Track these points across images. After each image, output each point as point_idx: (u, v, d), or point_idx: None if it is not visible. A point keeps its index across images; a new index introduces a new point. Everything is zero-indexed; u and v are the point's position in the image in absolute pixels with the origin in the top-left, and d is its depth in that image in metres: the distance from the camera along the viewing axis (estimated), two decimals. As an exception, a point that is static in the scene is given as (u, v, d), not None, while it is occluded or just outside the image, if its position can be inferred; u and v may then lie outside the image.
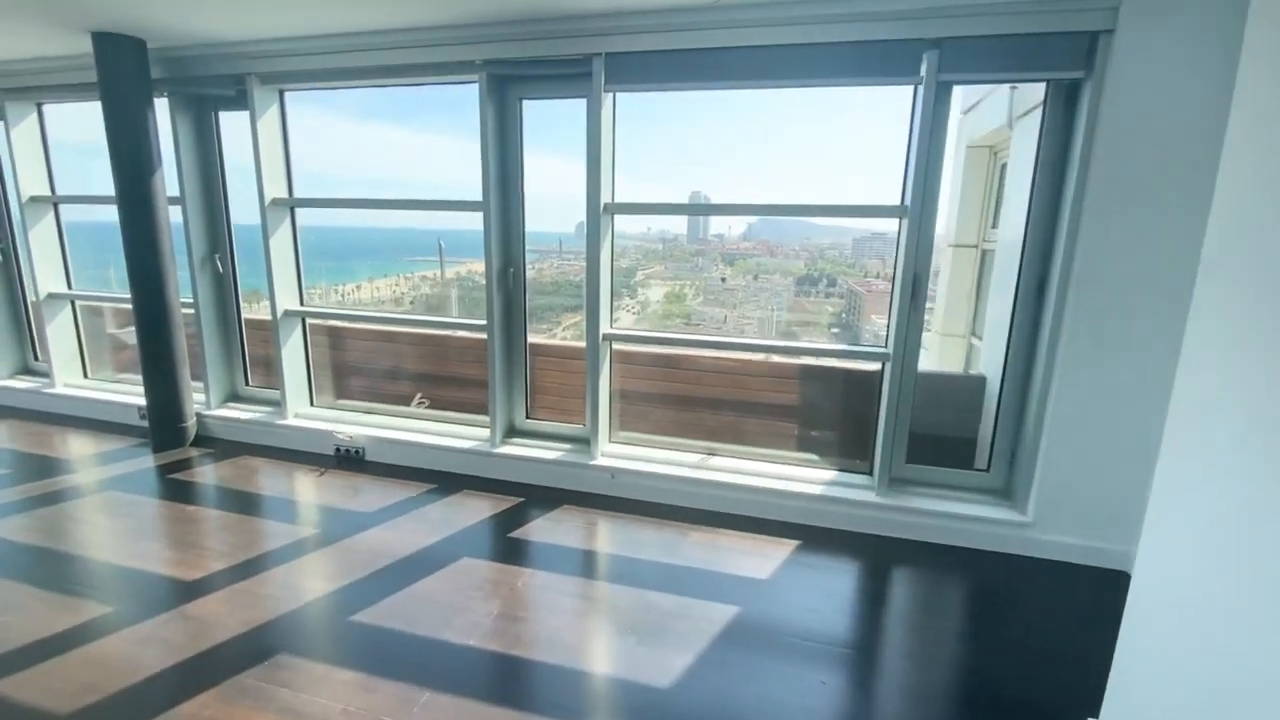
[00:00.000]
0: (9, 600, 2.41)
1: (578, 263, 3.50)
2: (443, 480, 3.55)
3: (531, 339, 3.75)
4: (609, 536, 3.04)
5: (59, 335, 4.60)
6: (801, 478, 3.27)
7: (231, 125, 3.99)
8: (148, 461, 3.76)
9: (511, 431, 3.76)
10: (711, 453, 3.54)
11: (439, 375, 4.45)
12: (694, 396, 3.92)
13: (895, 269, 3.00)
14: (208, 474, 3.61)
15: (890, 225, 3.07)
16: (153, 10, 3.05)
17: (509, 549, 2.89)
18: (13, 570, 2.61)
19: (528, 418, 3.77)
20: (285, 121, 3.85)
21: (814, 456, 3.49)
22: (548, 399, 4.01)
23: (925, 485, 3.16)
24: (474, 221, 3.47)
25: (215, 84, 3.70)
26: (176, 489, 3.42)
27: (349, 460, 3.80)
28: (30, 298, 4.73)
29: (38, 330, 4.78)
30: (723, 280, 5.64)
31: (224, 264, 4.13)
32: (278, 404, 4.07)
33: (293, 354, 4.03)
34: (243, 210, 4.07)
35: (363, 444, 3.80)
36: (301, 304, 4.07)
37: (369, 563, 2.71)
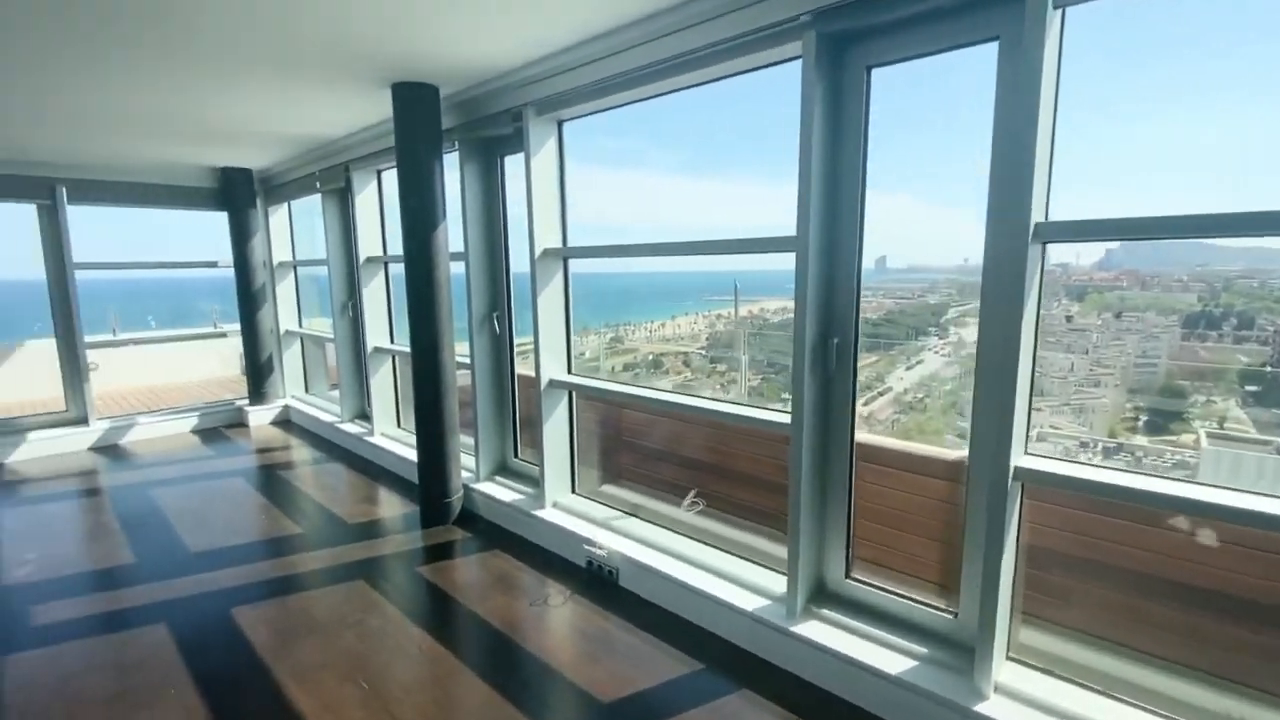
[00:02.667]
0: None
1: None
2: (715, 656, 2.39)
3: (860, 436, 2.36)
4: None
5: (380, 386, 4.86)
6: None
7: (513, 171, 3.58)
8: (412, 540, 3.44)
9: (821, 595, 2.41)
10: None
11: (723, 468, 3.36)
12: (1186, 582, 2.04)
13: None
14: (455, 574, 3.10)
15: None
16: (438, 41, 2.64)
17: None
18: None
19: (849, 575, 2.37)
20: (562, 158, 3.25)
21: None
22: (879, 536, 2.57)
23: None
24: (773, 262, 2.30)
25: (495, 123, 3.28)
26: (417, 592, 2.94)
27: (600, 583, 2.92)
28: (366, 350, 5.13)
29: (367, 380, 5.16)
30: (1068, 319, 4.45)
31: (500, 324, 3.73)
32: (539, 484, 3.46)
33: (556, 430, 3.37)
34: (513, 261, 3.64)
35: (617, 563, 2.88)
36: (569, 371, 3.41)
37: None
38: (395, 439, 4.76)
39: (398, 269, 4.78)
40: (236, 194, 5.79)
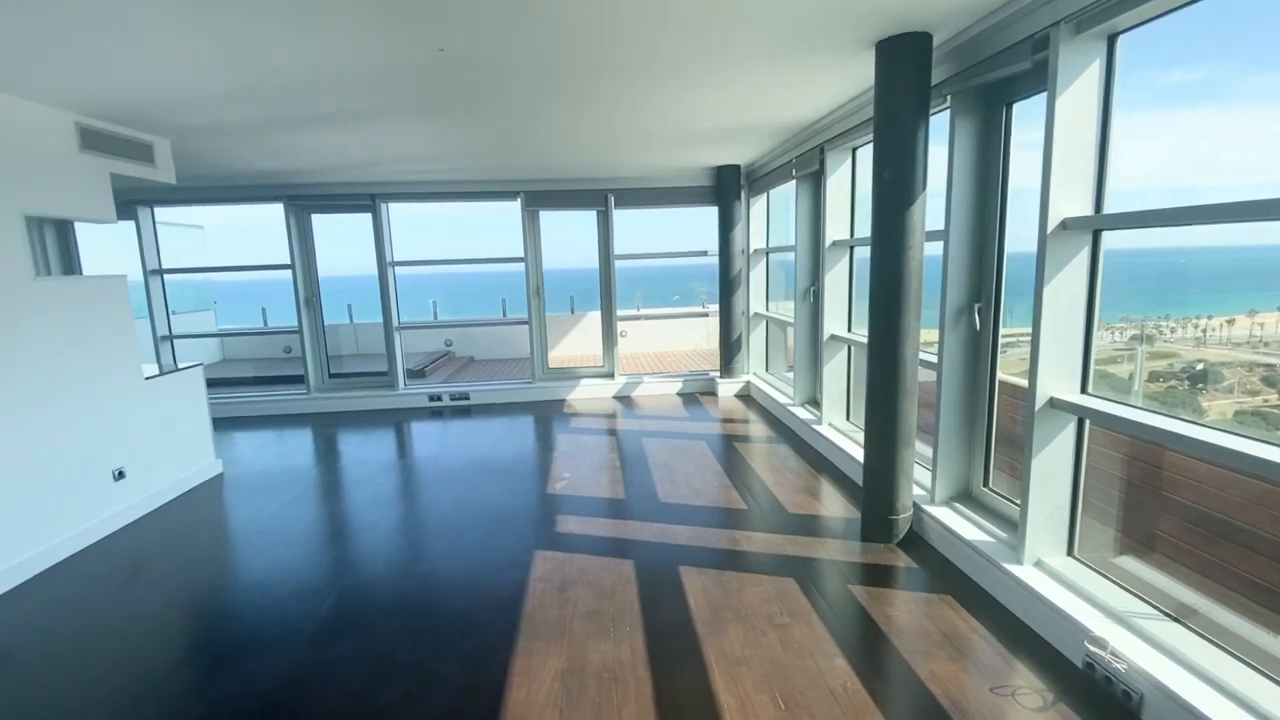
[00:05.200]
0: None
1: None
2: None
3: None
4: None
5: (832, 376, 4.68)
6: None
7: (1023, 121, 2.76)
8: (849, 550, 3.14)
9: None
10: None
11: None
12: None
13: None
14: (893, 607, 2.65)
15: None
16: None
17: None
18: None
19: None
20: (1108, 89, 2.30)
21: None
22: None
23: None
24: None
25: (1006, 60, 2.54)
26: (848, 614, 2.61)
27: (1105, 701, 2.01)
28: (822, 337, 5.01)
29: (820, 367, 5.03)
30: None
31: (982, 317, 3.00)
32: (1015, 529, 2.67)
33: (1052, 466, 2.51)
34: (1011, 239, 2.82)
35: (1142, 687, 1.92)
36: (1084, 390, 2.47)
37: None
38: (843, 433, 4.52)
39: (864, 253, 4.46)
40: (725, 189, 6.47)
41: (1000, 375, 3.06)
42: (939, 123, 3.00)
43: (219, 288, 11.44)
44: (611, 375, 7.03)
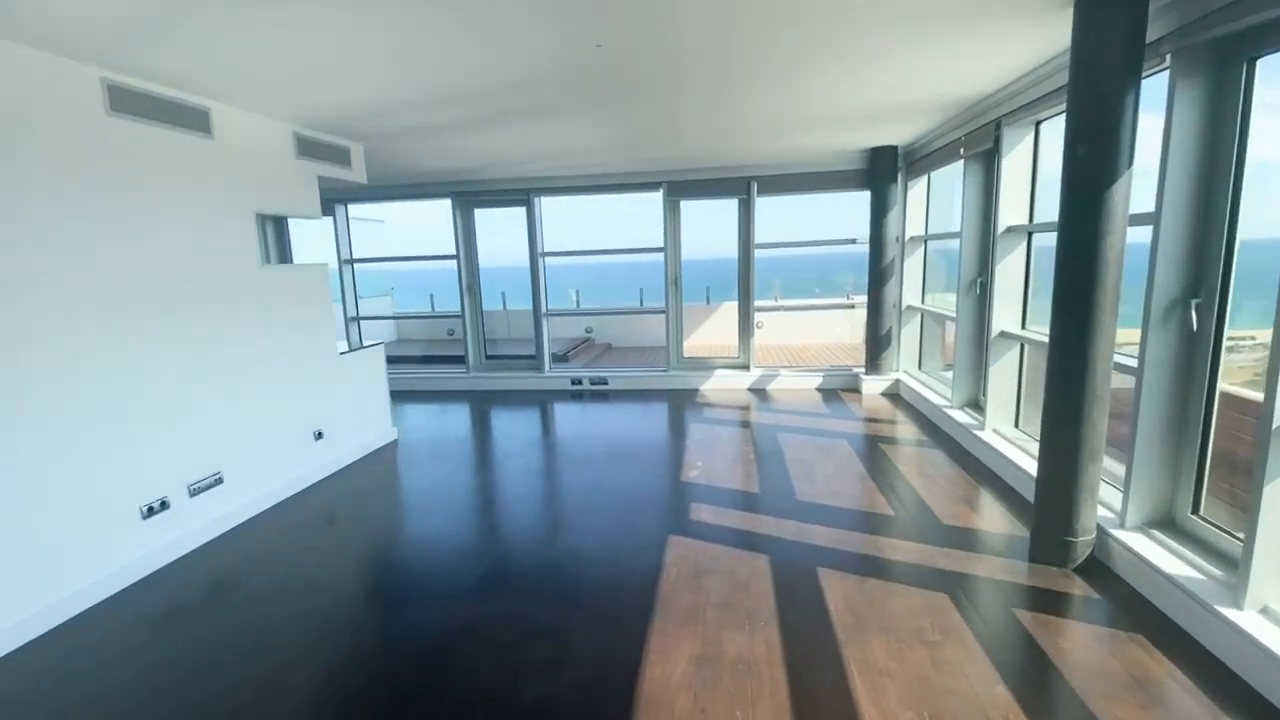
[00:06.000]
0: None
1: None
2: None
3: None
4: None
5: (1000, 377, 4.23)
6: None
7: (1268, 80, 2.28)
8: (1014, 571, 2.84)
9: None
10: None
11: None
12: None
13: None
14: (1068, 640, 2.35)
15: None
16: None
17: None
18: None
19: None
20: None
21: None
22: None
23: None
24: None
25: (1252, 5, 2.11)
26: (1011, 640, 2.36)
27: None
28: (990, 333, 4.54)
29: (986, 367, 4.57)
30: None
31: (1201, 315, 2.54)
32: (1234, 567, 2.25)
33: (1291, 496, 2.08)
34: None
35: None
36: (1344, 405, 2.01)
37: None
38: (1010, 441, 4.08)
39: (1044, 240, 3.97)
40: (880, 172, 6.06)
41: (1222, 385, 2.58)
42: (1150, 88, 2.58)
43: (395, 275, 12.84)
44: (747, 367, 6.93)
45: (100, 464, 2.93)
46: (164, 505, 3.24)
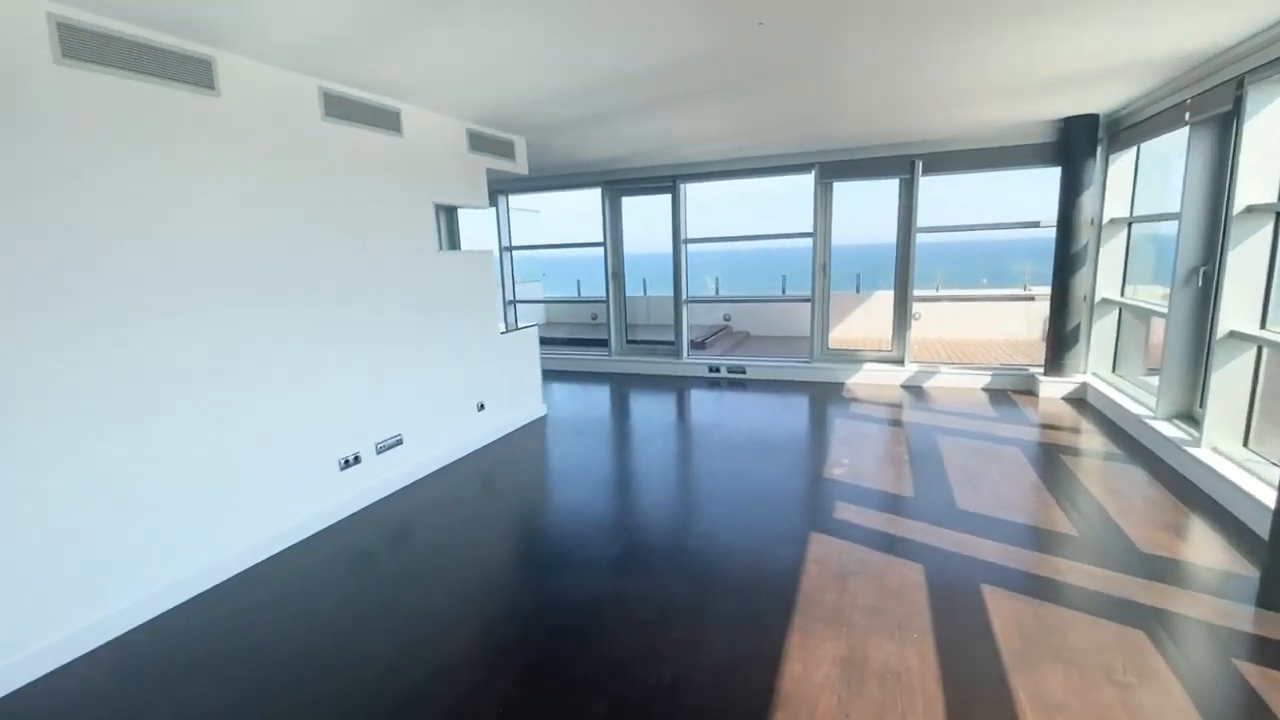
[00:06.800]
0: None
1: None
2: None
3: None
4: None
5: (1226, 385, 3.54)
6: None
7: None
8: (1235, 616, 2.38)
9: None
10: None
11: None
12: None
13: None
14: (1316, 704, 1.93)
15: None
16: None
17: None
18: None
19: None
20: None
21: None
22: None
23: None
24: None
25: None
26: (1229, 695, 1.98)
27: None
28: (1215, 333, 3.82)
29: (1206, 373, 3.85)
30: None
31: None
32: None
33: None
34: None
35: None
36: None
37: None
38: (1236, 462, 3.42)
39: (1299, 221, 3.24)
40: (1074, 145, 5.30)
41: None
42: None
43: (545, 262, 13.61)
44: (901, 361, 6.45)
45: (311, 419, 3.44)
46: (357, 459, 3.73)
